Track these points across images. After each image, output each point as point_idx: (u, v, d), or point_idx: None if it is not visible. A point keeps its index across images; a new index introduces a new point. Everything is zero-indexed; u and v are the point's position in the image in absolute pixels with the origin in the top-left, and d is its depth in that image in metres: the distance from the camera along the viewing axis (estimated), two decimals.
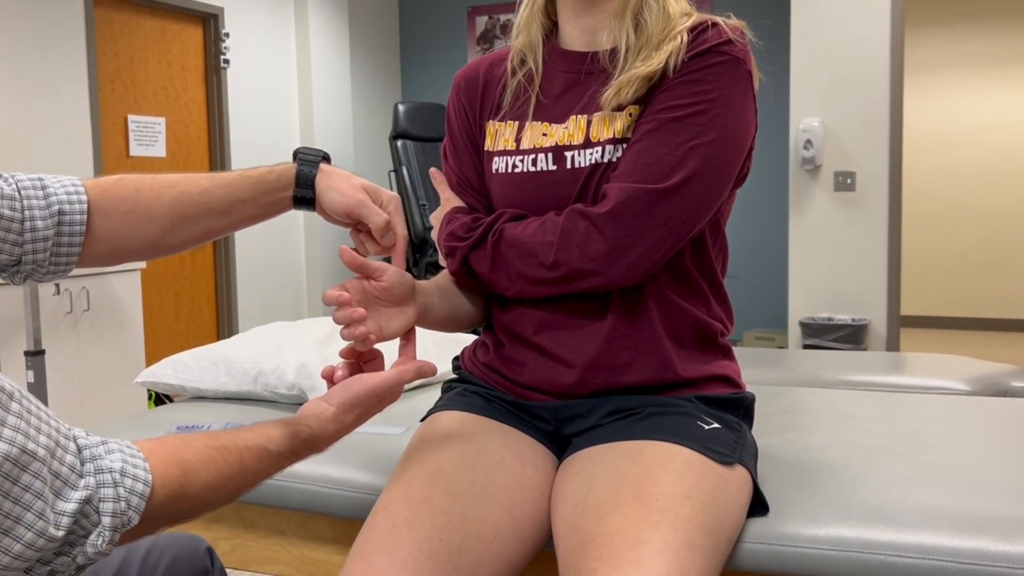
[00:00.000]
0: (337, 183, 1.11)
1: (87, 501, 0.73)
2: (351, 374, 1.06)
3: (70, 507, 0.71)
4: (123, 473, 0.75)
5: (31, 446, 0.69)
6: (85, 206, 1.02)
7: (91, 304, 3.79)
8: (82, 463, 0.74)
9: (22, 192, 0.98)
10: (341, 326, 1.03)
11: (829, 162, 4.51)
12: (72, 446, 0.74)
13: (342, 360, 1.08)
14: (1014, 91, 6.73)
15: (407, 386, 1.11)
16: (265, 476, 0.91)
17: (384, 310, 1.09)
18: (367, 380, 1.00)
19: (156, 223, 1.06)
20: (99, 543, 0.74)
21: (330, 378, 1.05)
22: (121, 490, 0.75)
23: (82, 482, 0.73)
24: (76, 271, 3.70)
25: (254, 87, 5.35)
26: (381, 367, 1.10)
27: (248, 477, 0.88)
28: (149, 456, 0.79)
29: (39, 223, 0.98)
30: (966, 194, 6.92)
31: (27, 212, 0.98)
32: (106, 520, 0.74)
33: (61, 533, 0.71)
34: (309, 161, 1.12)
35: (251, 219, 1.12)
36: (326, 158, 1.14)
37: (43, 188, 1.00)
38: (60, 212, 1.00)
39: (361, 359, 1.09)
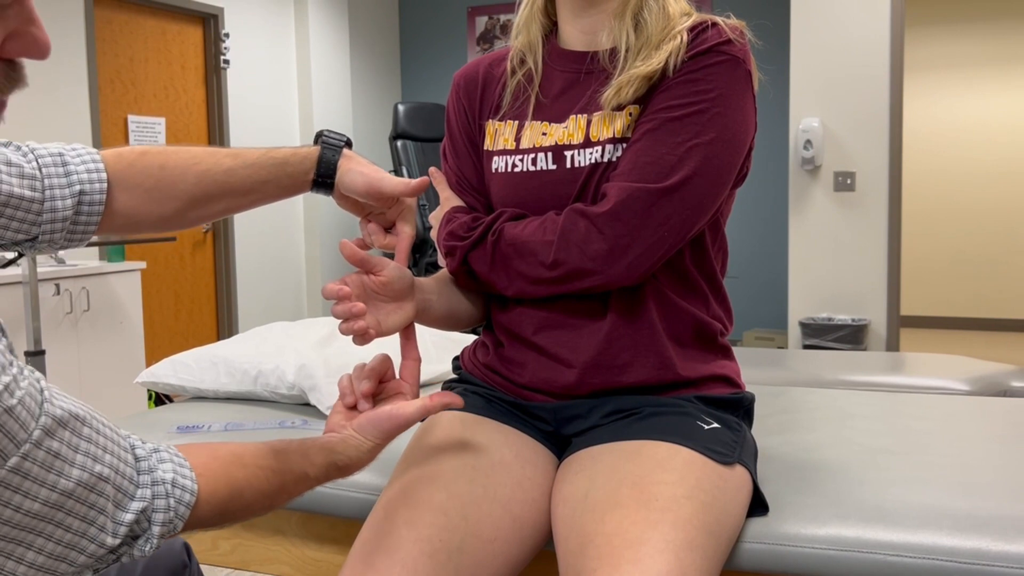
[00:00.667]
0: (358, 166, 1.11)
1: (142, 511, 0.75)
2: (373, 404, 1.06)
3: (128, 517, 0.74)
4: (174, 484, 0.78)
5: (98, 468, 0.71)
6: (105, 184, 1.01)
7: (91, 304, 3.79)
8: (138, 473, 0.76)
9: (43, 171, 0.98)
10: (340, 321, 1.03)
11: (829, 162, 4.52)
12: (130, 458, 0.76)
13: (361, 383, 1.06)
14: (1014, 91, 6.73)
15: None
16: (298, 496, 0.93)
17: (383, 305, 1.09)
18: (396, 417, 1.01)
19: (178, 200, 1.05)
20: (146, 548, 0.76)
21: (353, 406, 1.05)
22: (172, 500, 0.77)
23: (139, 492, 0.75)
24: (76, 272, 3.71)
25: (254, 87, 5.36)
26: (393, 376, 1.10)
27: (283, 497, 0.91)
28: (203, 471, 0.81)
29: (59, 203, 0.97)
30: (966, 194, 6.92)
31: (48, 192, 0.97)
32: (156, 528, 0.77)
33: (118, 542, 0.73)
34: (332, 146, 1.12)
35: (269, 199, 1.11)
36: (349, 143, 1.14)
37: (64, 166, 0.99)
38: (81, 192, 0.99)
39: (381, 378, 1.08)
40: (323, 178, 1.11)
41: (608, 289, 1.12)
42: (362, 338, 1.04)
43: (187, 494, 0.78)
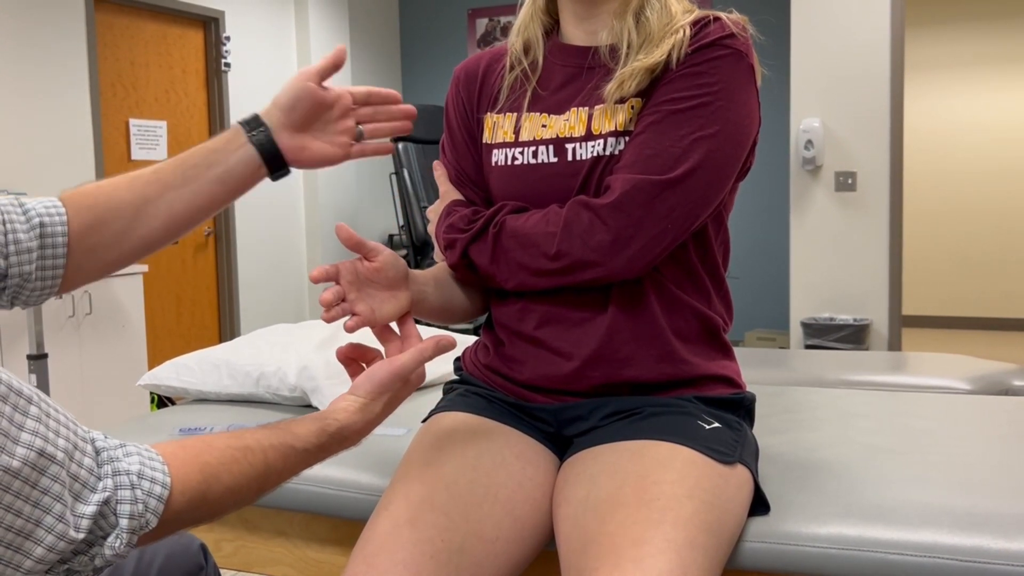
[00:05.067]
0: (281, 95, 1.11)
1: (105, 503, 0.73)
2: (356, 373, 1.06)
3: (89, 509, 0.72)
4: (140, 475, 0.76)
5: (50, 449, 0.69)
6: (65, 217, 1.01)
7: (93, 307, 3.80)
8: (99, 465, 0.74)
9: (1, 207, 0.99)
10: (334, 321, 1.04)
11: (830, 162, 4.52)
12: (89, 448, 0.74)
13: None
14: (1015, 90, 6.73)
15: None
16: (292, 474, 0.91)
17: (376, 293, 1.09)
18: (388, 364, 1.00)
19: (122, 216, 1.04)
20: (117, 545, 0.74)
21: (345, 360, 1.06)
22: (139, 492, 0.75)
23: (100, 484, 0.73)
24: None
25: (255, 90, 5.36)
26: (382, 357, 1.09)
27: (273, 476, 0.88)
28: (171, 460, 0.79)
29: (21, 235, 0.98)
30: (967, 193, 6.92)
31: (8, 226, 0.98)
32: (123, 522, 0.74)
33: (81, 536, 0.71)
34: (248, 119, 1.10)
35: (213, 185, 1.07)
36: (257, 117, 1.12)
37: (21, 205, 1.00)
38: (41, 224, 1.00)
39: (363, 358, 1.09)
40: (257, 134, 1.08)
41: (610, 281, 1.12)
42: (354, 323, 1.04)
43: (157, 486, 0.76)
